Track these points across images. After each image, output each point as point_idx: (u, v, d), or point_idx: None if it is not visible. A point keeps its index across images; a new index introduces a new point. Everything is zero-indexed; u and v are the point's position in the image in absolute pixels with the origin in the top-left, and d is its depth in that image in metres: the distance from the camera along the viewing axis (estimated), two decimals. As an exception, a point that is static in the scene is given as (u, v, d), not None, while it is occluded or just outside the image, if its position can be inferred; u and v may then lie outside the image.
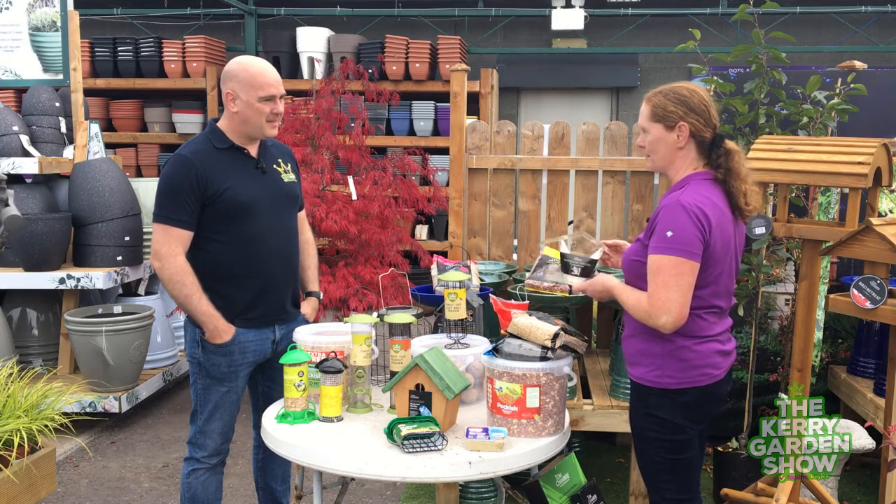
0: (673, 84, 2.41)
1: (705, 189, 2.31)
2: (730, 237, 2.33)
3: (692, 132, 2.34)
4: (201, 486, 2.88)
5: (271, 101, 2.74)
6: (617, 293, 2.40)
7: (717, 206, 2.28)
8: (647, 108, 2.40)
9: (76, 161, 5.06)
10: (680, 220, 2.23)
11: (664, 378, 2.32)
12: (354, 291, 4.71)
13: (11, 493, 3.01)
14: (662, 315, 2.23)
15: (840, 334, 4.21)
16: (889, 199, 4.01)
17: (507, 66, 8.30)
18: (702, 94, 2.36)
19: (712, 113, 2.36)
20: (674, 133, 2.35)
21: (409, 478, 2.20)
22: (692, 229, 2.21)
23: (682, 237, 2.21)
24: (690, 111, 2.33)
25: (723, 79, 3.88)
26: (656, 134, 2.38)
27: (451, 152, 4.24)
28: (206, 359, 2.79)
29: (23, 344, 4.91)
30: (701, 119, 2.34)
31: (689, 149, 2.36)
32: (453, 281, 2.78)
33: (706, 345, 2.33)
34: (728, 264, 2.35)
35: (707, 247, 2.25)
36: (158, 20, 8.55)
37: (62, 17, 5.19)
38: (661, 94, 2.38)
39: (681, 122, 2.33)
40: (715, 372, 2.35)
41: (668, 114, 2.35)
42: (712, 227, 2.25)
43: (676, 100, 2.34)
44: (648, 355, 2.35)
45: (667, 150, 2.38)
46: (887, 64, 7.87)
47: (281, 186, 2.88)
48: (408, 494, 3.87)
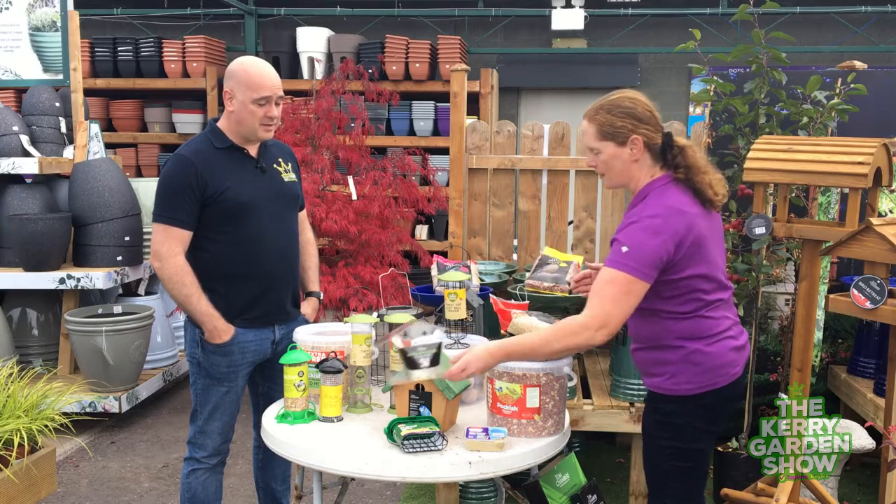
0: (610, 97, 2.32)
1: (667, 195, 2.24)
2: (705, 234, 2.24)
3: (645, 143, 2.27)
4: (201, 486, 2.88)
5: (266, 104, 2.71)
6: (512, 347, 2.22)
7: (680, 212, 2.20)
8: (593, 127, 2.31)
9: (76, 161, 5.06)
10: (637, 237, 2.17)
11: (681, 385, 2.26)
12: (354, 291, 4.71)
13: (11, 493, 3.01)
14: (601, 329, 2.15)
15: (840, 334, 4.21)
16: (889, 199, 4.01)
17: (507, 66, 8.30)
18: (644, 101, 2.30)
19: (657, 115, 2.30)
20: (627, 148, 2.28)
21: (409, 478, 2.20)
22: (650, 248, 2.15)
23: (637, 255, 2.15)
24: (640, 122, 2.27)
25: (723, 79, 3.88)
26: (609, 152, 2.30)
27: (451, 152, 4.24)
28: (205, 359, 2.79)
29: (23, 344, 4.91)
30: (651, 127, 2.27)
31: (644, 159, 2.29)
32: (453, 281, 2.78)
33: (718, 343, 2.27)
34: (713, 259, 2.28)
35: (681, 254, 2.18)
36: (158, 20, 8.55)
37: (62, 17, 5.19)
38: (603, 110, 2.29)
39: (632, 135, 2.26)
40: (732, 371, 2.29)
41: (618, 130, 2.27)
42: (680, 235, 2.17)
43: (623, 114, 2.27)
44: (662, 364, 2.29)
45: (622, 166, 2.31)
46: (887, 64, 7.87)
47: (281, 186, 2.88)
48: (408, 494, 3.87)
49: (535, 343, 2.22)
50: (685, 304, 2.25)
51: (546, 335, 2.23)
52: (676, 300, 2.25)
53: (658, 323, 2.29)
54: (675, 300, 2.25)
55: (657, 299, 2.25)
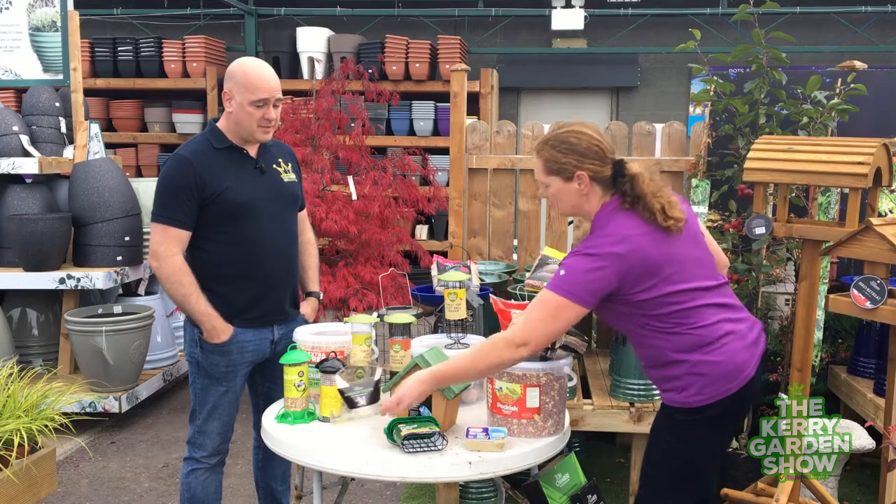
0: (557, 131, 2.31)
1: (613, 222, 2.22)
2: (657, 256, 2.18)
3: (591, 177, 2.26)
4: (201, 486, 2.88)
5: (264, 106, 2.70)
6: (442, 372, 2.25)
7: (624, 238, 2.17)
8: (540, 161, 2.31)
9: (76, 161, 5.06)
10: (575, 262, 2.17)
11: (692, 397, 2.21)
12: (354, 291, 4.71)
13: (11, 493, 3.01)
14: (522, 346, 2.16)
15: (840, 334, 4.21)
16: (889, 199, 4.01)
17: (507, 66, 8.30)
18: (591, 135, 2.27)
19: (605, 148, 2.27)
20: (574, 183, 2.27)
21: (409, 478, 2.20)
22: (585, 274, 2.14)
23: (571, 279, 2.15)
24: (584, 158, 2.25)
25: (723, 79, 3.88)
26: (557, 187, 2.30)
27: (451, 152, 4.24)
28: (204, 358, 2.79)
29: (23, 344, 4.91)
30: (596, 162, 2.25)
31: (593, 190, 2.28)
32: (453, 281, 2.78)
33: (722, 349, 2.20)
34: (676, 277, 2.20)
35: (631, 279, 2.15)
36: (158, 20, 8.55)
37: (62, 17, 5.19)
38: (549, 145, 2.29)
39: (577, 171, 2.25)
40: (744, 373, 2.21)
41: (563, 166, 2.26)
42: (624, 262, 2.14)
43: (567, 150, 2.25)
44: (670, 380, 2.25)
45: (571, 198, 2.30)
46: (887, 64, 7.87)
47: (280, 187, 2.88)
48: (408, 494, 3.87)
49: (462, 363, 2.24)
50: (668, 319, 2.20)
51: (471, 354, 2.26)
52: (659, 319, 2.21)
53: (652, 342, 2.25)
54: (657, 319, 2.21)
55: (640, 318, 2.22)
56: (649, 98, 8.45)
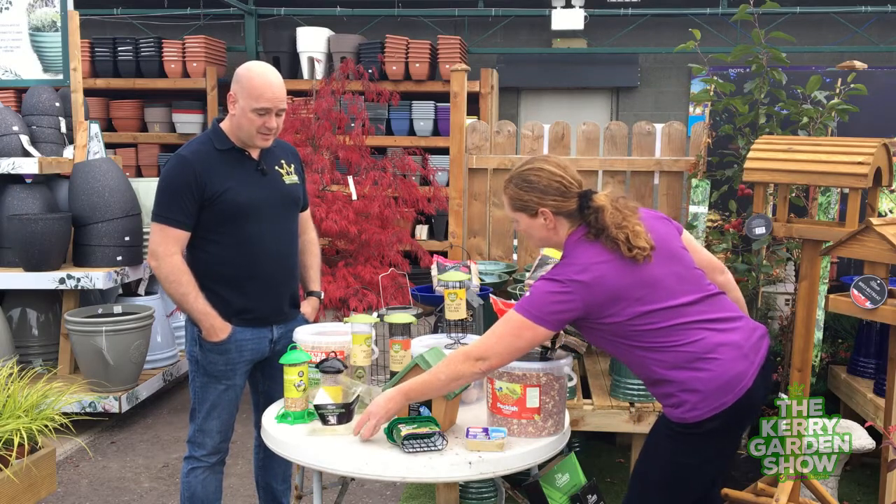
0: (521, 167, 2.32)
1: (579, 252, 2.22)
2: (622, 281, 2.17)
3: (555, 212, 2.27)
4: (201, 485, 2.88)
5: (265, 115, 2.70)
6: (408, 388, 2.28)
7: (586, 268, 2.17)
8: (506, 199, 2.35)
9: (76, 161, 5.06)
10: (542, 286, 2.19)
11: (687, 413, 2.18)
12: (354, 291, 4.71)
13: (11, 493, 3.01)
14: (480, 360, 2.19)
15: (840, 334, 4.21)
16: (889, 199, 4.01)
17: (507, 66, 8.30)
18: (551, 170, 2.27)
19: (568, 183, 2.27)
20: (539, 218, 2.29)
21: (409, 478, 2.20)
22: (548, 301, 2.16)
23: (536, 301, 2.17)
24: (545, 195, 2.26)
25: (723, 79, 3.88)
26: (524, 223, 2.33)
27: (451, 152, 4.24)
28: (203, 357, 2.80)
29: (23, 344, 4.91)
30: (559, 198, 2.26)
31: (559, 222, 2.29)
32: (453, 281, 2.78)
33: (712, 363, 2.17)
34: (647, 298, 2.18)
35: (596, 304, 2.16)
36: (158, 20, 8.55)
37: (62, 17, 5.19)
38: (512, 183, 2.31)
39: (540, 207, 2.27)
40: (739, 384, 2.16)
41: (526, 203, 2.29)
42: (587, 290, 2.15)
43: (528, 188, 2.27)
44: (665, 397, 2.24)
45: (539, 231, 2.33)
46: (887, 64, 7.87)
47: (282, 188, 2.88)
48: (408, 494, 3.87)
49: (426, 378, 2.27)
50: (647, 338, 2.19)
51: (435, 368, 2.28)
52: (637, 339, 2.20)
53: (640, 361, 2.24)
54: (635, 339, 2.20)
55: (623, 339, 2.22)
56: (649, 98, 8.45)
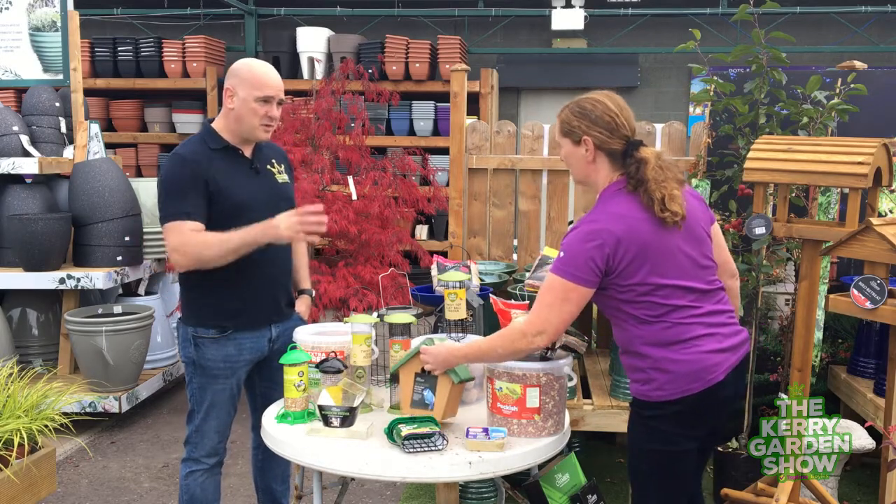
0: (583, 95, 2.34)
1: (612, 202, 2.24)
2: (651, 242, 2.19)
3: (597, 145, 2.28)
4: (199, 487, 2.87)
5: (268, 103, 2.72)
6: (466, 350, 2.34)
7: (620, 217, 2.19)
8: (557, 122, 2.36)
9: (76, 161, 5.06)
10: (574, 243, 2.18)
11: (654, 391, 2.23)
12: (354, 291, 4.71)
13: (11, 493, 3.01)
14: (539, 335, 2.19)
15: (840, 334, 4.21)
16: (889, 199, 4.01)
17: (507, 66, 8.30)
18: (607, 104, 2.28)
19: (620, 122, 2.27)
20: (581, 147, 2.30)
21: (409, 478, 2.20)
22: (584, 254, 2.16)
23: (572, 260, 2.17)
24: (593, 125, 2.26)
25: (723, 79, 3.88)
26: (567, 149, 2.34)
27: (451, 152, 4.24)
28: (201, 356, 2.79)
29: (23, 344, 4.91)
30: (605, 131, 2.26)
31: (600, 162, 2.30)
32: (453, 281, 2.78)
33: (690, 349, 2.20)
34: (668, 270, 2.20)
35: (623, 259, 2.16)
36: (158, 20, 8.56)
37: (62, 17, 5.19)
38: (568, 107, 2.33)
39: (584, 136, 2.28)
40: (709, 376, 2.20)
41: (573, 129, 2.30)
42: (617, 239, 2.15)
43: (579, 113, 2.29)
44: (636, 370, 2.27)
45: (579, 164, 2.33)
46: (887, 64, 7.88)
47: (274, 187, 2.88)
48: (408, 494, 3.87)
49: (484, 347, 2.32)
50: (644, 308, 2.21)
51: (492, 340, 2.30)
52: (635, 305, 2.21)
53: (624, 328, 2.27)
54: (633, 304, 2.22)
55: (618, 302, 2.24)
56: (649, 98, 8.45)
